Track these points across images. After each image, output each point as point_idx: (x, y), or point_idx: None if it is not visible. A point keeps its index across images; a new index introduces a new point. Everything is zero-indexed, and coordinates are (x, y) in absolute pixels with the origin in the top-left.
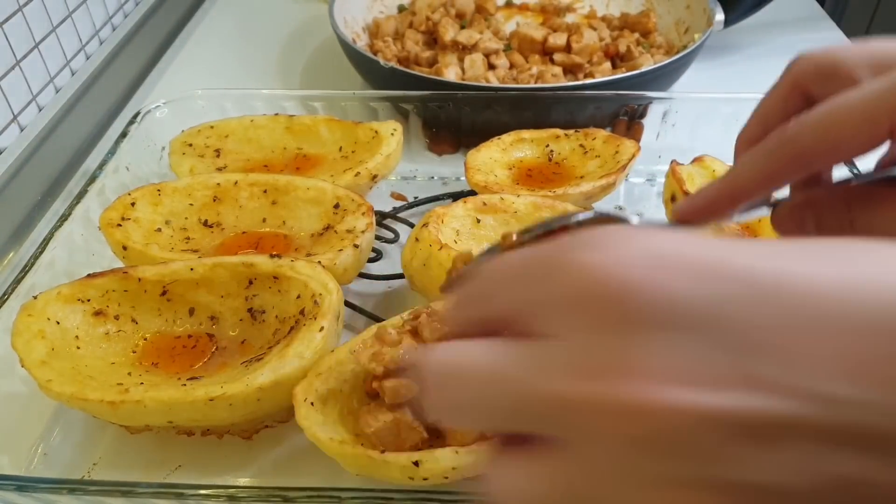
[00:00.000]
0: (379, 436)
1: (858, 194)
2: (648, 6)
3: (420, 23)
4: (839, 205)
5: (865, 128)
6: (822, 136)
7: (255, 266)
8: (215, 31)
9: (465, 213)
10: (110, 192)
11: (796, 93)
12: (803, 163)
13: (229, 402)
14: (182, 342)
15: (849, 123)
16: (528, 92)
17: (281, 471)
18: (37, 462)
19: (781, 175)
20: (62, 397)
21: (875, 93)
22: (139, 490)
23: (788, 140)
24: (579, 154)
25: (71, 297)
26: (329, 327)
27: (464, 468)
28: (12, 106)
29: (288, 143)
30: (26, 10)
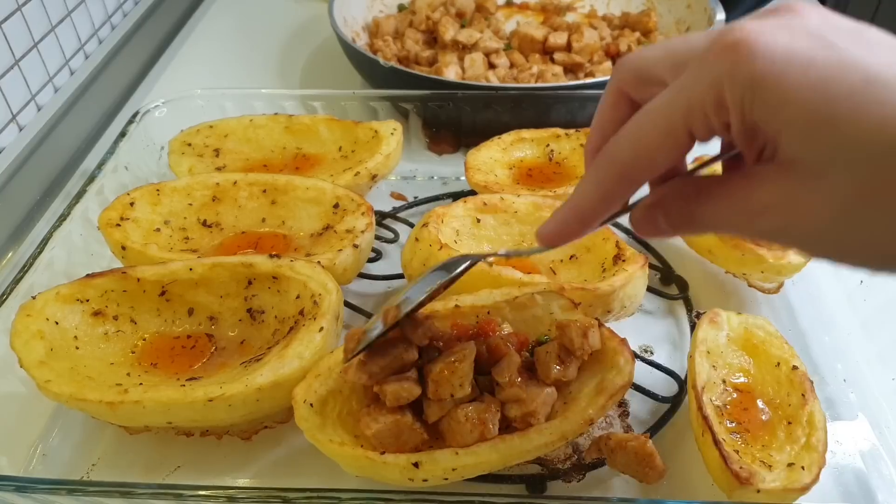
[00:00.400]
0: (379, 437)
1: (694, 190)
2: (649, 5)
3: (420, 22)
4: (679, 202)
5: (667, 137)
6: (633, 154)
7: (254, 266)
8: (215, 31)
9: (465, 212)
10: (109, 191)
11: (623, 100)
12: (627, 181)
13: (228, 403)
14: (181, 342)
15: (652, 136)
16: (528, 91)
17: (280, 471)
18: (36, 462)
19: (615, 194)
20: (61, 398)
21: (665, 101)
22: (138, 491)
23: (609, 161)
24: (580, 154)
25: (70, 297)
26: (328, 328)
27: (463, 469)
28: (11, 105)
29: (287, 143)
30: (25, 9)
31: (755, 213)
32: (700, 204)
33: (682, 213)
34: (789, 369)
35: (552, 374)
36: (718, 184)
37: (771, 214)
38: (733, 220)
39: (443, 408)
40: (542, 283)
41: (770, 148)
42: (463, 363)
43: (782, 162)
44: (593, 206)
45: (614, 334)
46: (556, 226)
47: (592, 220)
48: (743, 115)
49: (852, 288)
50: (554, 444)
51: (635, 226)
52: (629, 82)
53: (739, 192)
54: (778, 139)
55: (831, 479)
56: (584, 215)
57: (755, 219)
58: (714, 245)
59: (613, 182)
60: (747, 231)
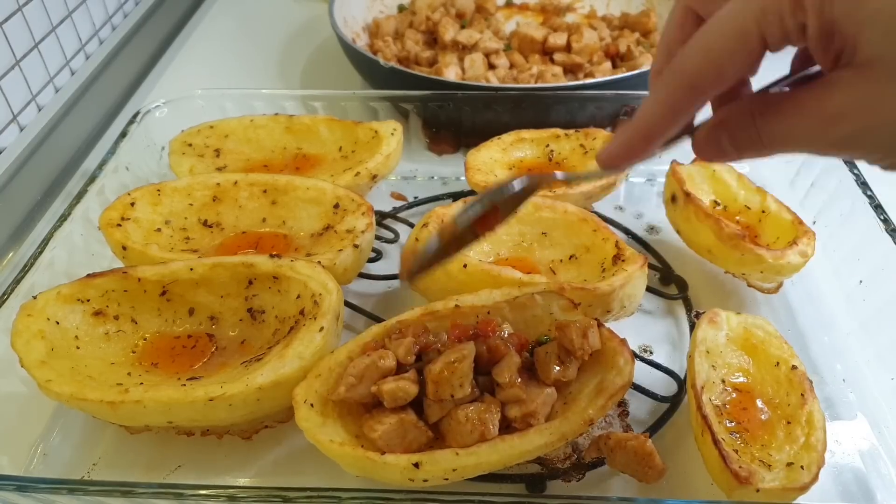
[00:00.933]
0: (385, 439)
1: (761, 106)
2: (649, 6)
3: (420, 22)
4: (746, 119)
5: (739, 44)
6: (703, 64)
7: (254, 266)
8: (215, 31)
9: None
10: (110, 192)
11: (689, 17)
12: (695, 93)
13: (229, 402)
14: (182, 342)
15: (723, 43)
16: (528, 92)
17: (281, 471)
18: (36, 462)
19: (682, 108)
20: (62, 397)
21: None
22: (139, 490)
23: (677, 72)
24: (579, 154)
25: (70, 297)
26: (329, 327)
27: (464, 469)
28: (12, 106)
29: (288, 143)
30: (26, 9)
31: (830, 121)
32: (769, 120)
33: (749, 132)
34: (788, 369)
35: (552, 375)
36: (789, 97)
37: (847, 120)
38: (806, 133)
39: (443, 408)
40: (542, 283)
41: (848, 51)
42: (462, 363)
43: (861, 64)
44: (659, 121)
45: (614, 335)
46: (620, 145)
47: (657, 136)
48: (822, 12)
49: (852, 288)
50: (554, 445)
51: (698, 148)
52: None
53: (812, 101)
54: (857, 38)
55: (830, 479)
56: (650, 132)
57: (829, 127)
58: (714, 245)
59: (681, 94)
60: (820, 142)
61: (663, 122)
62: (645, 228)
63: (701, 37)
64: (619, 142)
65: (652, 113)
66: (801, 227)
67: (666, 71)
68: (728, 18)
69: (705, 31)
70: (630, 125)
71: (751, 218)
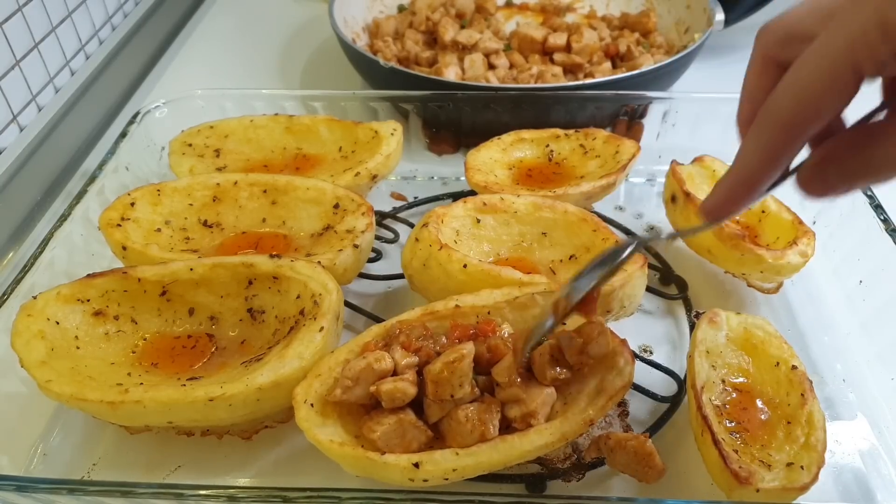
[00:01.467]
0: (385, 439)
1: (866, 137)
2: (648, 6)
3: (420, 23)
4: (852, 150)
5: (832, 80)
6: (797, 106)
7: (254, 266)
8: (215, 31)
9: (465, 213)
10: (110, 192)
11: (770, 65)
12: (793, 136)
13: (229, 403)
14: (182, 342)
15: (817, 82)
16: (528, 92)
17: (281, 471)
18: (37, 462)
19: (782, 152)
20: (62, 397)
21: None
22: (139, 490)
23: (773, 117)
24: (579, 154)
25: (70, 297)
26: (329, 328)
27: (464, 469)
28: (12, 106)
29: (288, 143)
30: (26, 10)
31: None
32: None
33: (857, 162)
34: (788, 369)
35: (548, 375)
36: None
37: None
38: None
39: (443, 408)
40: (542, 283)
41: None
42: (462, 362)
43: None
44: (759, 169)
45: (615, 335)
46: (722, 197)
47: (759, 184)
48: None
49: (851, 288)
50: (554, 445)
51: (805, 185)
52: (775, 45)
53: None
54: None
55: (830, 479)
56: (753, 179)
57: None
58: (713, 245)
59: (779, 139)
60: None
61: (765, 168)
62: (645, 228)
63: (792, 78)
64: (722, 192)
65: (752, 160)
66: (801, 227)
67: (758, 119)
68: (818, 56)
69: (796, 71)
70: (731, 175)
71: (751, 218)
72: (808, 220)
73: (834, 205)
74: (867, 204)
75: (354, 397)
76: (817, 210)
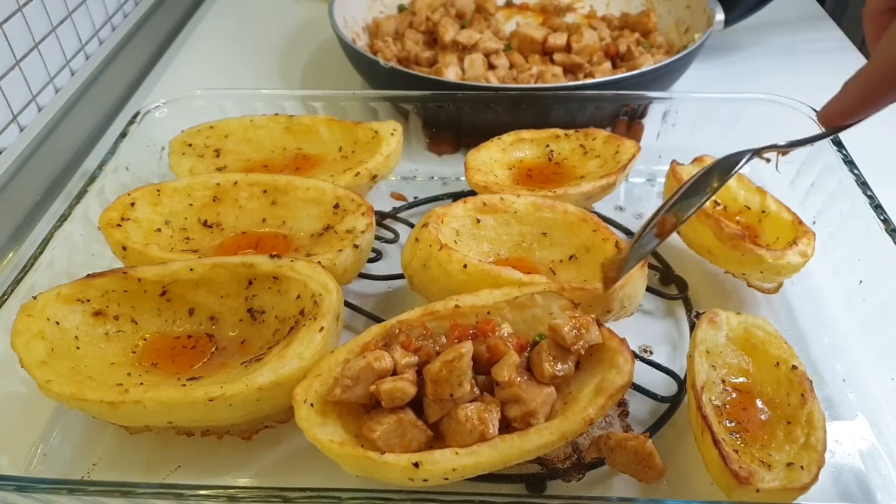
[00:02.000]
0: (385, 439)
1: None
2: (649, 6)
3: (420, 23)
4: None
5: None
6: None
7: (254, 266)
8: (215, 31)
9: (465, 213)
10: (110, 192)
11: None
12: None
13: (229, 403)
14: (182, 342)
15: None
16: (528, 92)
17: (281, 471)
18: (37, 462)
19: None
20: (62, 398)
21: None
22: (139, 490)
23: None
24: (579, 154)
25: (70, 297)
26: (329, 328)
27: (463, 469)
28: (12, 106)
29: (288, 143)
30: (26, 10)
31: None
32: None
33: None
34: (788, 369)
35: (546, 373)
36: None
37: None
38: None
39: (443, 408)
40: (542, 283)
41: None
42: (461, 361)
43: None
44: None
45: (614, 335)
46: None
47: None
48: None
49: (851, 288)
50: (554, 445)
51: None
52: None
53: None
54: None
55: (830, 479)
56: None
57: None
58: (714, 245)
59: None
60: None
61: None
62: None
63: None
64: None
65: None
66: (801, 227)
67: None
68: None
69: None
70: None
71: (751, 218)
72: (808, 220)
73: (834, 205)
74: (867, 204)
75: (354, 397)
76: (817, 210)
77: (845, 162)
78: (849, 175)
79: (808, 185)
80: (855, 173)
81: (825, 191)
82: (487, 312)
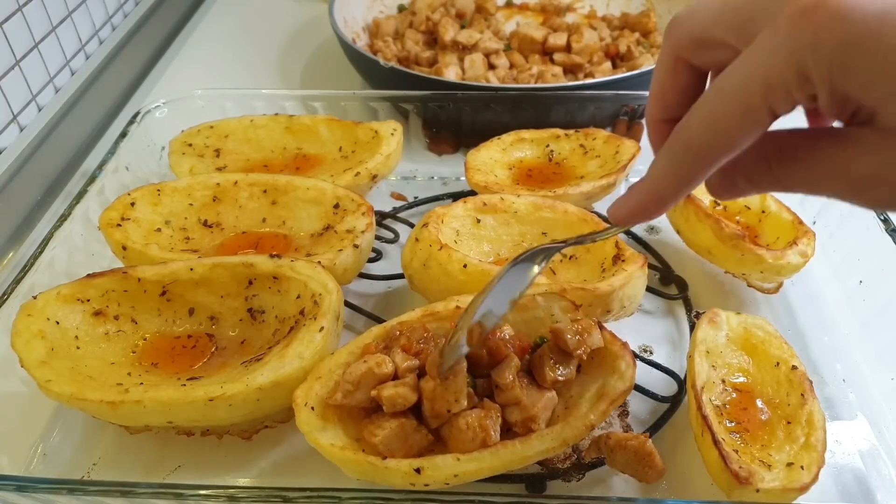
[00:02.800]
0: (386, 443)
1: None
2: (649, 6)
3: (420, 23)
4: (762, 164)
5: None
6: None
7: (254, 266)
8: (215, 31)
9: (465, 213)
10: (110, 192)
11: (680, 65)
12: (705, 164)
13: (229, 403)
14: (182, 342)
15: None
16: (528, 92)
17: (281, 471)
18: (36, 462)
19: (692, 178)
20: (62, 397)
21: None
22: (139, 490)
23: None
24: (579, 154)
25: (70, 297)
26: (329, 328)
27: (465, 474)
28: (12, 106)
29: (288, 143)
30: (26, 10)
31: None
32: (787, 167)
33: (765, 176)
34: (788, 369)
35: (548, 377)
36: (807, 146)
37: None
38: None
39: (442, 420)
40: (543, 284)
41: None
42: (456, 378)
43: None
44: (671, 190)
45: (616, 338)
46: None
47: (670, 202)
48: (832, 87)
49: (851, 288)
50: (555, 450)
51: (713, 190)
52: (685, 48)
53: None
54: (878, 110)
55: (830, 479)
56: (662, 198)
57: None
58: (713, 245)
59: (690, 166)
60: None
61: (674, 191)
62: (645, 228)
63: (706, 110)
64: (632, 203)
65: (664, 181)
66: (801, 227)
67: (672, 141)
68: (731, 92)
69: (709, 105)
70: (642, 188)
71: (751, 218)
72: (808, 220)
73: (834, 205)
74: None
75: (355, 402)
76: (817, 210)
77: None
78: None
79: None
80: None
81: None
82: None
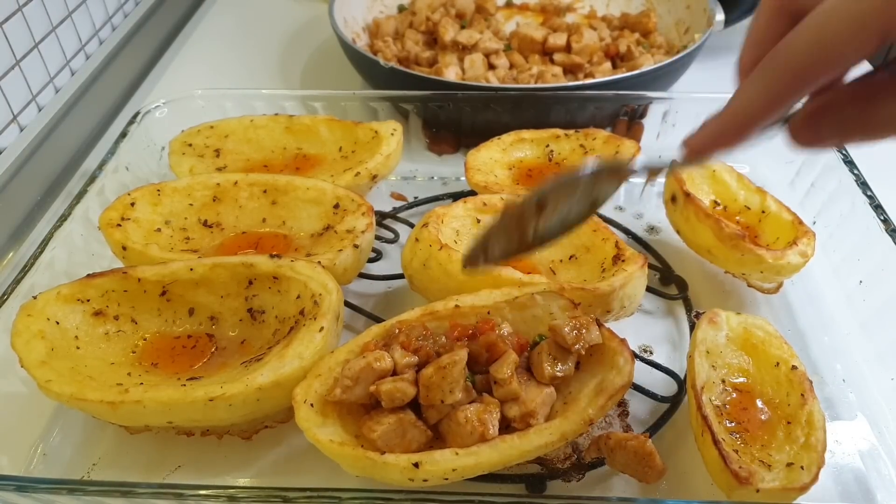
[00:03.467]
0: (384, 439)
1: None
2: (649, 6)
3: (420, 23)
4: (853, 103)
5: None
6: (815, 51)
7: (254, 266)
8: (215, 31)
9: (465, 213)
10: (110, 192)
11: (782, 13)
12: (803, 81)
13: (229, 403)
14: (182, 342)
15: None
16: (528, 92)
17: (280, 471)
18: (36, 462)
19: (784, 97)
20: (62, 397)
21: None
22: (139, 490)
23: (783, 59)
24: (579, 154)
25: (70, 297)
26: (329, 328)
27: (463, 469)
28: (12, 106)
29: (288, 143)
30: (26, 10)
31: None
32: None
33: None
34: (788, 369)
35: (546, 373)
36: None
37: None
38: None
39: (439, 411)
40: (542, 283)
41: None
42: (454, 368)
43: None
44: (759, 111)
45: (614, 335)
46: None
47: (755, 125)
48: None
49: (851, 288)
50: (554, 445)
51: (795, 134)
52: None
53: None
54: None
55: (830, 479)
56: (748, 121)
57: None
58: (713, 245)
59: (787, 82)
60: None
61: (764, 111)
62: (645, 228)
63: (815, 23)
64: (712, 130)
65: (751, 102)
66: (801, 227)
67: (770, 58)
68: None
69: (818, 15)
70: (725, 113)
71: (751, 218)
72: (808, 220)
73: (834, 205)
74: (867, 204)
75: (354, 397)
76: (817, 210)
77: (845, 162)
78: (849, 175)
79: (808, 185)
80: (855, 173)
81: (825, 191)
82: (487, 312)
